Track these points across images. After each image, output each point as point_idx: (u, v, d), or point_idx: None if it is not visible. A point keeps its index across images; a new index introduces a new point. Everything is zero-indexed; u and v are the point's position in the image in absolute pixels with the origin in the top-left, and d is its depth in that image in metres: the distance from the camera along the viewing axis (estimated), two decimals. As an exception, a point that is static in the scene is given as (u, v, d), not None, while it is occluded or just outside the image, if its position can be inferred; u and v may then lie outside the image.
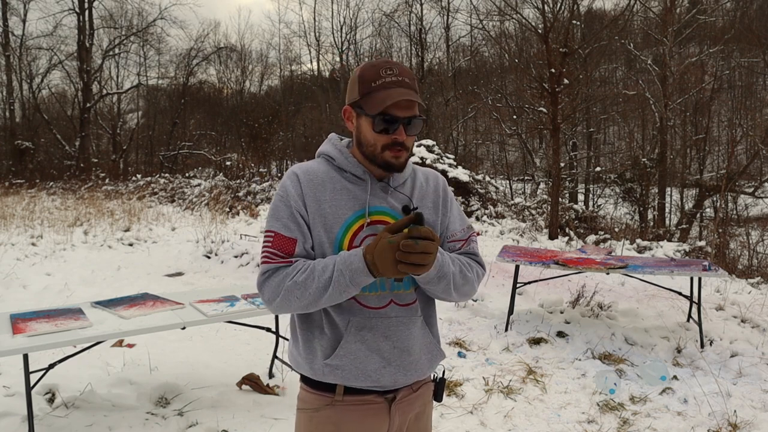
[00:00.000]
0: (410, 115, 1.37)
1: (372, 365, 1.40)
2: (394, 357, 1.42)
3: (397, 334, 1.42)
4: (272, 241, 1.38)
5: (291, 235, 1.38)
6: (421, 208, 1.48)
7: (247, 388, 3.59)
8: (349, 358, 1.39)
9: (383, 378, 1.41)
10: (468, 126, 25.11)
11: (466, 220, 1.61)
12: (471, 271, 1.50)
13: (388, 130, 1.36)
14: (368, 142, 1.40)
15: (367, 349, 1.40)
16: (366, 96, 1.38)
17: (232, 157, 19.96)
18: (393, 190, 1.45)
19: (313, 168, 1.45)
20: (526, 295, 5.97)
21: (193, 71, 28.60)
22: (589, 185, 19.54)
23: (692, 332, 4.78)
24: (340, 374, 1.40)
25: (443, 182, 1.60)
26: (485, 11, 18.82)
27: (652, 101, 15.80)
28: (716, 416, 3.40)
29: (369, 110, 1.36)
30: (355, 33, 29.80)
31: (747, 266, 9.41)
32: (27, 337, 2.68)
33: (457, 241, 1.55)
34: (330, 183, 1.42)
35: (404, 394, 1.47)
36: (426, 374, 1.51)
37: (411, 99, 1.35)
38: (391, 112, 1.35)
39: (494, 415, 3.38)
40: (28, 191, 17.74)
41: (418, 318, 1.47)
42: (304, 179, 1.41)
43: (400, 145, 1.38)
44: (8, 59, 24.70)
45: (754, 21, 19.63)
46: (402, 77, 1.37)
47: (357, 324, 1.40)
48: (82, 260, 7.71)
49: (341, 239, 1.39)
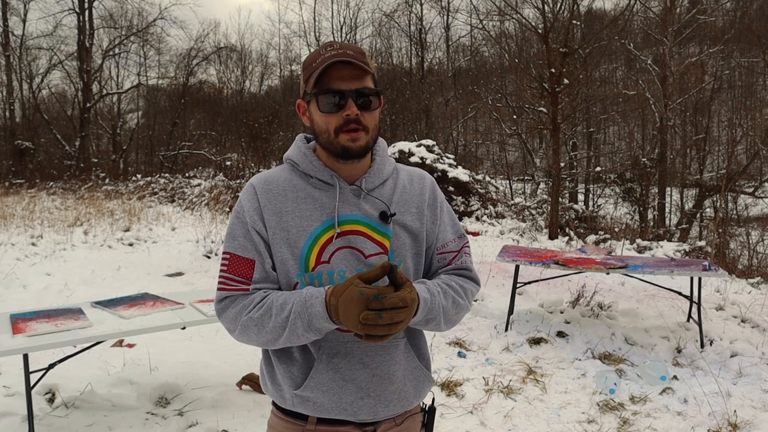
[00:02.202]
0: (358, 87, 1.20)
1: (347, 397, 1.24)
2: (372, 387, 1.25)
3: (376, 360, 1.25)
4: (228, 265, 1.24)
5: (248, 256, 1.23)
6: (401, 214, 1.30)
7: (247, 388, 3.59)
8: (321, 390, 1.23)
9: (361, 411, 1.25)
10: (468, 126, 25.10)
11: (460, 228, 1.42)
12: (464, 297, 1.32)
13: (336, 106, 1.20)
14: (321, 128, 1.24)
15: (342, 379, 1.23)
16: (308, 79, 1.22)
17: (232, 157, 19.96)
18: (366, 194, 1.28)
19: (274, 176, 1.29)
20: (526, 295, 5.97)
21: (193, 71, 28.61)
22: (589, 185, 19.53)
23: (692, 332, 4.78)
24: (311, 406, 1.25)
25: (431, 183, 1.40)
26: (485, 11, 18.81)
27: (652, 101, 15.79)
28: (716, 416, 3.40)
29: (312, 89, 1.21)
30: (355, 33, 29.79)
31: (747, 266, 9.40)
32: (27, 337, 2.68)
33: (448, 253, 1.36)
34: (292, 191, 1.26)
35: (386, 427, 1.30)
36: (412, 404, 1.33)
37: (346, 60, 1.17)
38: (332, 86, 1.19)
39: (494, 415, 3.38)
40: (28, 191, 17.73)
41: (401, 340, 1.29)
42: (261, 190, 1.26)
43: (355, 122, 1.20)
44: (8, 59, 24.68)
45: (754, 21, 19.63)
46: (343, 50, 1.20)
47: (329, 350, 1.23)
48: (82, 260, 7.70)
49: (307, 255, 1.23)
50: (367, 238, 1.26)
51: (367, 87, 1.22)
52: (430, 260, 1.37)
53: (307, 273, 1.23)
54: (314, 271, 1.23)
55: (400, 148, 12.93)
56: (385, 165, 1.34)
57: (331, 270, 1.24)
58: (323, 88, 1.20)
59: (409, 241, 1.31)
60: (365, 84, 1.22)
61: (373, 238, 1.27)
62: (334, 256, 1.24)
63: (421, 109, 22.47)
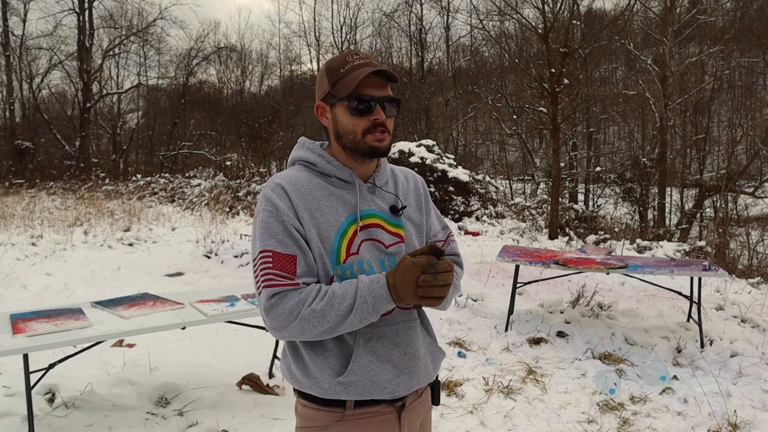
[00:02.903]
0: (385, 95, 1.33)
1: (386, 375, 1.34)
2: (405, 364, 1.37)
3: (406, 339, 1.38)
4: (272, 262, 1.26)
5: (289, 252, 1.27)
6: (408, 207, 1.46)
7: (247, 388, 3.59)
8: (363, 372, 1.32)
9: (398, 388, 1.36)
10: (468, 126, 25.11)
11: (444, 220, 1.60)
12: (459, 279, 1.49)
13: (365, 111, 1.31)
14: (347, 130, 1.33)
15: (379, 360, 1.34)
16: (337, 83, 1.32)
17: (232, 157, 19.98)
18: (379, 190, 1.42)
19: (296, 177, 1.36)
20: (526, 295, 5.97)
21: (193, 71, 28.63)
22: (589, 185, 19.54)
23: (692, 332, 4.78)
24: (353, 390, 1.32)
25: (421, 180, 1.57)
26: (485, 11, 18.82)
27: (652, 101, 15.80)
28: (716, 416, 3.40)
29: (342, 93, 1.31)
30: (355, 33, 29.82)
31: (747, 266, 9.41)
32: (27, 337, 2.68)
33: (438, 242, 1.53)
34: (318, 190, 1.35)
35: (411, 400, 1.43)
36: (432, 377, 1.48)
37: (382, 70, 1.31)
38: (364, 92, 1.31)
39: (494, 415, 3.38)
40: (28, 191, 17.74)
41: (416, 321, 1.43)
42: (291, 190, 1.31)
43: (382, 126, 1.32)
44: (8, 59, 24.70)
45: (754, 21, 19.65)
46: (369, 59, 1.34)
47: (365, 335, 1.33)
48: (82, 260, 7.71)
49: (338, 248, 1.32)
50: (384, 230, 1.40)
51: (392, 96, 1.35)
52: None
53: (339, 265, 1.33)
54: (345, 262, 1.33)
55: (400, 148, 12.93)
56: (386, 164, 1.49)
57: (360, 260, 1.34)
58: (357, 94, 1.30)
59: (415, 232, 1.47)
60: (389, 93, 1.35)
61: (389, 229, 1.40)
62: (360, 248, 1.35)
63: (421, 109, 22.47)
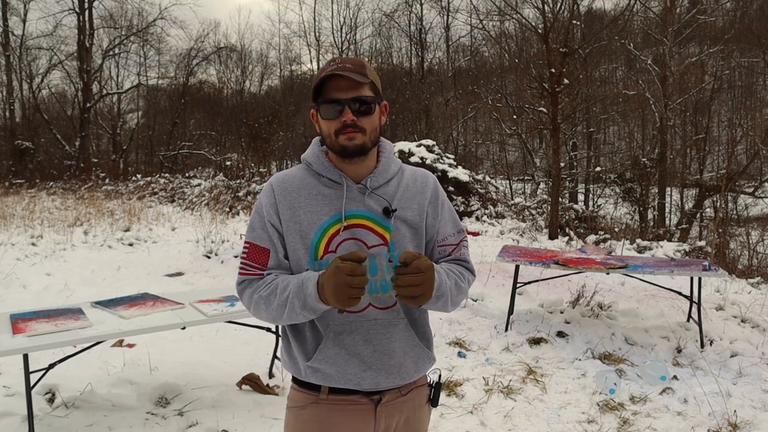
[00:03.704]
0: (353, 96, 1.36)
1: (352, 368, 1.40)
2: (374, 360, 1.41)
3: (377, 337, 1.41)
4: (248, 253, 1.44)
5: (263, 245, 1.42)
6: (403, 210, 1.45)
7: (247, 388, 3.59)
8: (328, 362, 1.40)
9: (364, 381, 1.41)
10: (468, 126, 25.10)
11: (459, 224, 1.58)
12: (464, 281, 1.49)
13: (334, 113, 1.37)
14: (325, 132, 1.41)
15: (347, 354, 1.40)
16: (314, 92, 1.41)
17: (232, 157, 19.96)
18: (371, 192, 1.43)
19: (291, 175, 1.47)
20: (526, 295, 5.97)
21: (193, 71, 28.60)
22: (589, 185, 19.53)
23: (692, 332, 4.78)
24: (321, 376, 1.42)
25: (434, 182, 1.56)
26: (485, 11, 18.81)
27: (652, 101, 15.79)
28: (716, 416, 3.40)
29: (315, 99, 1.40)
30: (355, 33, 29.80)
31: (747, 266, 9.40)
32: (27, 337, 2.68)
33: (448, 245, 1.53)
34: (305, 189, 1.43)
35: (391, 396, 1.46)
36: (412, 378, 1.49)
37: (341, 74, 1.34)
38: (330, 96, 1.36)
39: (494, 415, 3.38)
40: (28, 191, 17.73)
41: (401, 320, 1.44)
42: (277, 189, 1.44)
43: (351, 127, 1.36)
44: (8, 59, 24.68)
45: (754, 21, 19.63)
46: (344, 64, 1.37)
47: (335, 328, 1.40)
48: (82, 260, 7.70)
49: (317, 244, 1.40)
50: (370, 230, 1.42)
51: (361, 96, 1.37)
52: (431, 252, 1.53)
53: (316, 261, 1.40)
54: (322, 259, 1.40)
55: (400, 148, 12.93)
56: (390, 165, 1.49)
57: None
58: (324, 99, 1.38)
59: (409, 234, 1.47)
60: (360, 93, 1.37)
61: (375, 230, 1.42)
62: (340, 246, 1.40)
63: (421, 109, 22.48)
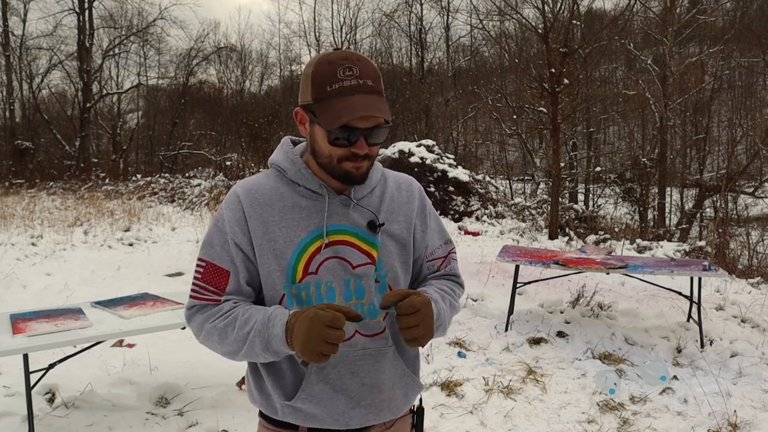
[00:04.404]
0: (373, 125, 1.15)
1: (339, 407, 1.23)
2: (363, 396, 1.24)
3: (365, 368, 1.24)
4: (202, 273, 1.22)
5: (223, 266, 1.21)
6: (389, 223, 1.28)
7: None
8: (313, 402, 1.22)
9: (352, 420, 1.24)
10: (468, 126, 25.10)
11: (446, 234, 1.42)
12: (456, 299, 1.36)
13: (345, 141, 1.15)
14: (322, 153, 1.19)
15: (332, 390, 1.22)
16: (320, 102, 1.15)
17: (232, 157, 19.95)
18: (355, 204, 1.25)
19: (260, 184, 1.25)
20: (526, 295, 5.97)
21: (193, 71, 28.59)
22: (589, 185, 19.53)
23: (692, 332, 4.78)
24: (302, 417, 1.23)
25: (419, 191, 1.38)
26: (485, 11, 18.81)
27: (652, 101, 15.79)
28: (716, 416, 3.40)
29: (324, 123, 1.14)
30: (355, 33, 29.79)
31: (747, 266, 9.40)
32: (27, 337, 2.68)
33: (437, 259, 1.38)
34: (279, 201, 1.22)
35: (377, 430, 1.31)
36: (401, 411, 1.33)
37: (373, 114, 1.12)
38: (350, 124, 1.13)
39: (494, 415, 3.38)
40: (28, 191, 17.73)
41: (389, 348, 1.27)
42: (246, 200, 1.21)
43: (362, 157, 1.17)
44: (8, 59, 24.67)
45: (754, 21, 19.64)
46: (364, 79, 1.14)
47: None
48: (82, 260, 7.70)
49: (294, 266, 1.20)
50: (355, 248, 1.24)
51: (382, 127, 1.17)
52: (420, 268, 1.39)
53: (294, 284, 1.21)
54: (301, 282, 1.21)
55: (400, 148, 12.94)
56: (373, 173, 1.30)
57: (318, 281, 1.22)
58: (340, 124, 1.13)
59: (396, 250, 1.30)
60: (379, 122, 1.16)
61: (360, 248, 1.24)
62: (321, 267, 1.21)
63: (421, 109, 22.46)
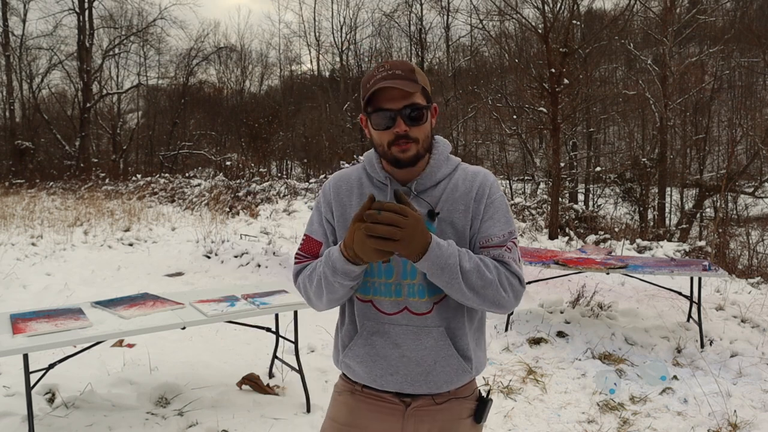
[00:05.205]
0: (405, 105, 1.33)
1: (377, 370, 1.43)
2: (401, 366, 1.41)
3: (407, 343, 1.41)
4: (303, 244, 1.52)
5: (318, 238, 1.50)
6: (449, 212, 1.41)
7: (247, 388, 3.59)
8: (356, 360, 1.45)
9: (388, 384, 1.43)
10: (468, 126, 25.07)
11: (510, 225, 1.45)
12: (492, 273, 1.34)
13: (386, 125, 1.35)
14: (376, 142, 1.41)
15: (375, 354, 1.43)
16: (365, 99, 1.37)
17: (232, 157, 19.96)
18: (416, 195, 1.42)
19: (347, 174, 1.53)
20: (526, 295, 5.97)
21: (193, 71, 28.63)
22: (589, 185, 19.52)
23: (692, 332, 4.78)
24: (351, 372, 1.49)
25: (483, 181, 1.45)
26: (485, 11, 18.81)
27: (652, 101, 15.78)
28: (716, 416, 3.40)
29: (365, 109, 1.38)
30: (355, 33, 29.82)
31: (747, 266, 9.40)
32: (27, 337, 2.68)
33: (491, 247, 1.41)
34: (358, 189, 1.48)
35: (423, 403, 1.44)
36: (441, 388, 1.43)
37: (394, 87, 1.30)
38: (381, 106, 1.34)
39: (494, 415, 3.38)
40: (28, 191, 17.73)
41: (434, 329, 1.40)
42: (333, 186, 1.51)
43: (404, 138, 1.35)
44: (8, 59, 24.69)
45: (754, 21, 19.63)
46: (393, 70, 1.34)
47: (369, 328, 1.44)
48: (82, 260, 7.71)
49: None
50: None
51: (414, 104, 1.34)
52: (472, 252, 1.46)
53: None
54: None
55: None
56: (440, 168, 1.45)
57: None
58: (375, 108, 1.35)
59: (455, 237, 1.42)
60: (413, 101, 1.34)
61: None
62: None
63: (421, 109, 22.40)
